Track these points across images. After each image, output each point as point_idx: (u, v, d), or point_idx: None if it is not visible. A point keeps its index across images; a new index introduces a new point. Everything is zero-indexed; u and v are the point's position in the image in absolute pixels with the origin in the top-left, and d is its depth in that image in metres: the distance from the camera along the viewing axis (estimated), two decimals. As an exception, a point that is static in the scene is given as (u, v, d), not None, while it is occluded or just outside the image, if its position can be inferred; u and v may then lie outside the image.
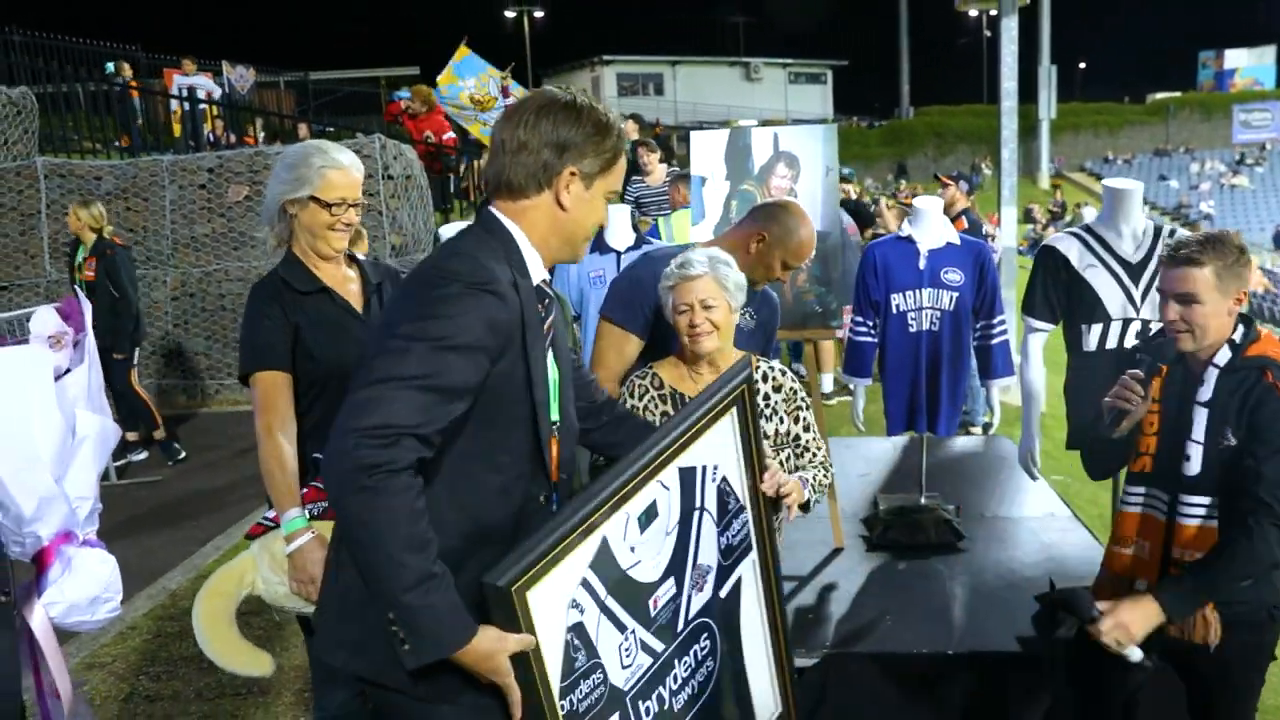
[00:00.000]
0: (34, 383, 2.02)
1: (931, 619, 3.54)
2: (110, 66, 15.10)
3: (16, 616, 2.10)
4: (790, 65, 52.89)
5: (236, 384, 8.83)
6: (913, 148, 44.01)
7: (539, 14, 47.97)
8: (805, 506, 2.56)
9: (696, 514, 2.23)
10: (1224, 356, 2.49)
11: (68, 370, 2.19)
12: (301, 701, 3.71)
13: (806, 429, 2.80)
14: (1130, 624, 2.42)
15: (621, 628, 2.09)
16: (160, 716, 3.67)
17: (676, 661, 2.22)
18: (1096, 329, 3.45)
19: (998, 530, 4.36)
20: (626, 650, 2.11)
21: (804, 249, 3.01)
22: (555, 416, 2.01)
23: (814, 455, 2.80)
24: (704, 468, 2.23)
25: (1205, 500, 2.51)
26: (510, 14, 47.57)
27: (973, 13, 43.39)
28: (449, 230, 4.07)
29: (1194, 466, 2.51)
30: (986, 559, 4.04)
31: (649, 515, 2.11)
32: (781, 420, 2.77)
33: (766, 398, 2.77)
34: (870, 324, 4.23)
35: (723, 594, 2.34)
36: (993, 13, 11.32)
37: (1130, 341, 3.42)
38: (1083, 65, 69.53)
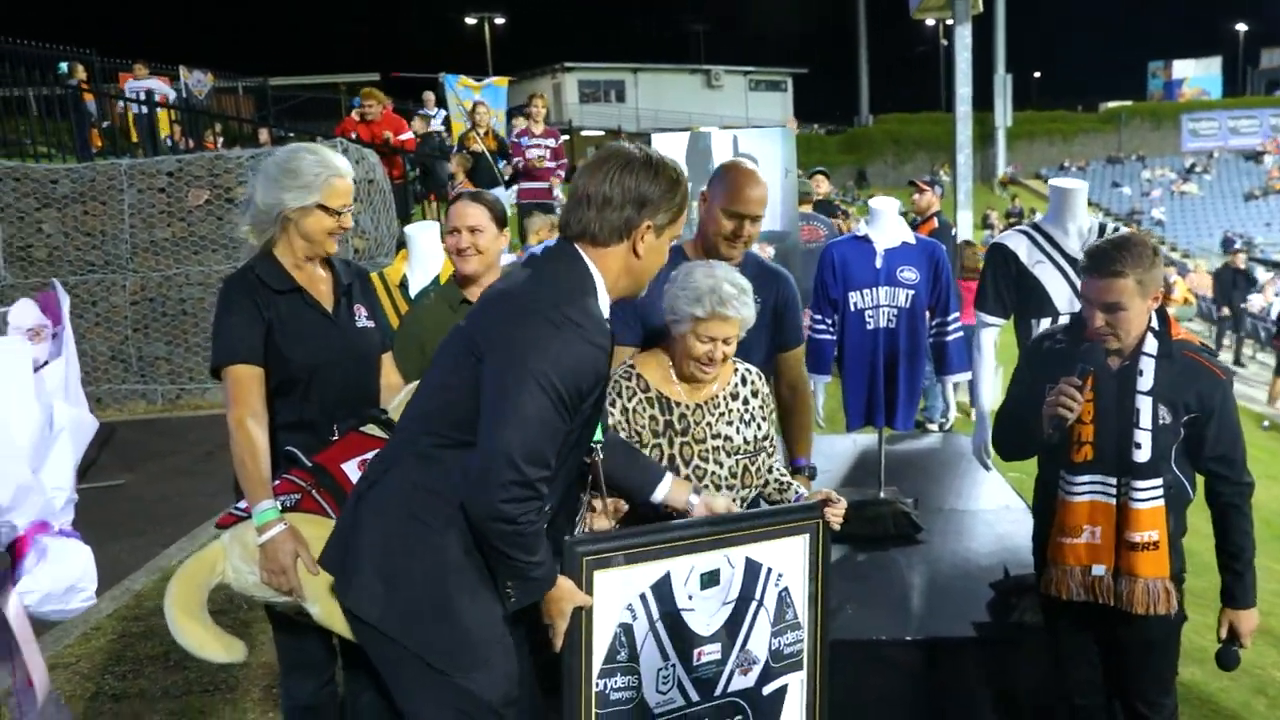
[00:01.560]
0: (12, 374, 2.06)
1: (891, 607, 3.62)
2: (64, 67, 14.90)
3: (-9, 605, 2.13)
4: (751, 73, 53.23)
5: (198, 389, 8.78)
6: (872, 155, 44.52)
7: (500, 20, 47.97)
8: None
9: (754, 605, 2.48)
10: (1153, 345, 2.65)
11: (46, 362, 2.22)
12: (269, 697, 3.73)
13: (770, 430, 2.85)
14: (1249, 630, 2.76)
15: (665, 655, 2.36)
16: (128, 715, 3.67)
17: None
18: (1045, 323, 3.52)
19: (954, 522, 4.46)
20: (664, 678, 2.37)
21: (736, 190, 2.97)
22: (599, 435, 2.33)
23: (773, 455, 2.86)
24: (769, 569, 2.49)
25: (1157, 482, 2.65)
26: (471, 20, 47.52)
27: (930, 22, 44.06)
28: (417, 230, 4.11)
29: (1144, 453, 2.63)
30: (944, 550, 4.13)
31: (711, 578, 2.40)
32: (759, 426, 2.79)
33: (746, 402, 2.77)
34: (829, 322, 4.30)
35: (765, 691, 2.52)
36: (949, 22, 11.55)
37: None
38: (1037, 74, 70.70)
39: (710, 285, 2.54)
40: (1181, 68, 53.70)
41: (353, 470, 2.43)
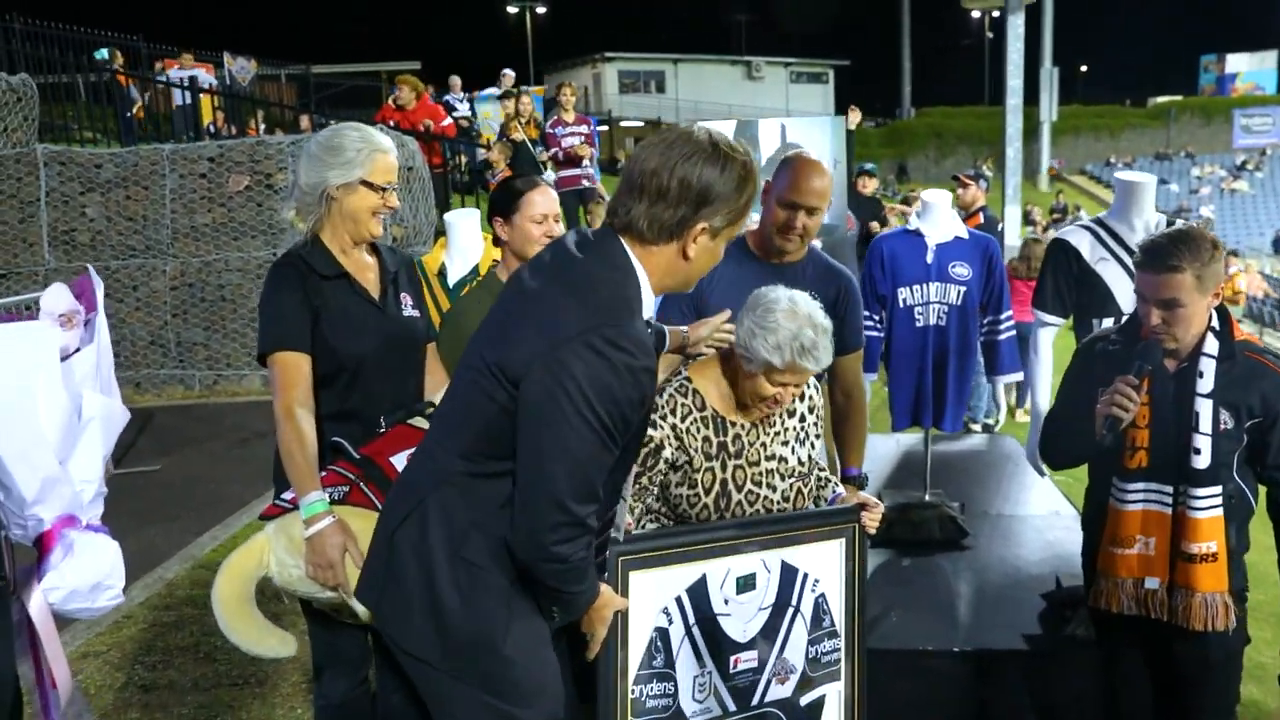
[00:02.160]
0: (39, 360, 2.00)
1: (937, 616, 3.52)
2: (104, 53, 15.00)
3: (15, 601, 2.07)
4: (792, 65, 52.85)
5: (236, 375, 8.80)
6: (913, 149, 44.02)
7: (541, 10, 47.93)
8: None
9: (791, 611, 2.43)
10: (1213, 345, 2.52)
11: (77, 349, 2.16)
12: (298, 692, 3.68)
13: (820, 446, 2.71)
14: None
15: (701, 662, 2.32)
16: (156, 706, 3.64)
17: None
18: (1108, 323, 3.39)
19: (1002, 528, 4.34)
20: (701, 686, 2.33)
21: (793, 179, 2.87)
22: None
23: (824, 472, 2.72)
24: (805, 575, 2.45)
25: (1216, 490, 2.52)
26: (513, 9, 47.50)
27: (975, 13, 43.47)
28: (457, 217, 4.04)
29: (1204, 459, 2.51)
30: (991, 557, 4.02)
31: (747, 583, 2.36)
32: (813, 444, 2.63)
33: (803, 419, 2.60)
34: (876, 318, 4.19)
35: (803, 702, 2.47)
36: (995, 14, 11.31)
37: None
38: (1084, 68, 69.60)
39: (792, 333, 2.30)
40: (1235, 61, 52.52)
41: (401, 463, 2.35)
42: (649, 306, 1.92)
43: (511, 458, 1.85)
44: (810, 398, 2.62)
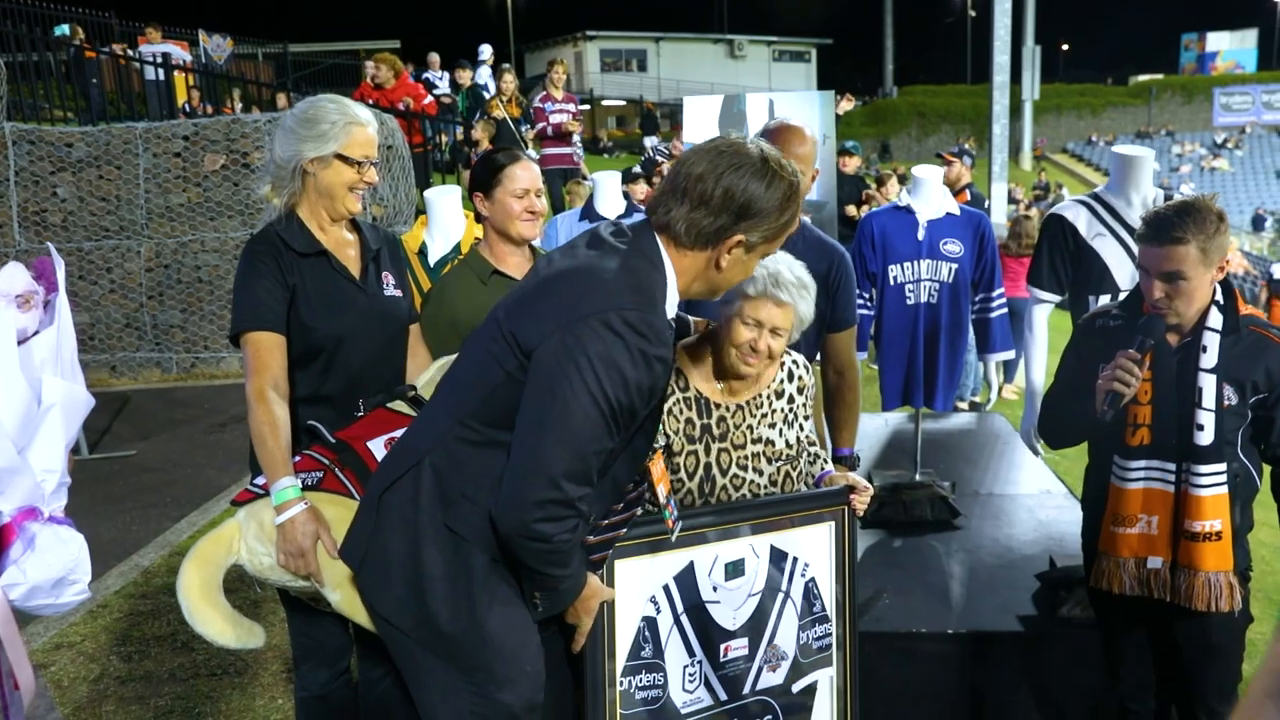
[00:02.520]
0: (-7, 344, 1.88)
1: (930, 597, 3.47)
2: (64, 29, 14.63)
3: (-26, 596, 1.97)
4: (774, 43, 52.63)
5: (213, 357, 8.66)
6: (896, 127, 43.94)
7: (521, -13, 47.48)
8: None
9: (781, 596, 2.39)
10: (1217, 320, 2.47)
11: (36, 332, 2.04)
12: (278, 682, 3.60)
13: (811, 429, 2.61)
14: None
15: (690, 651, 2.29)
16: (132, 699, 3.54)
17: None
18: (1104, 300, 3.32)
19: (993, 507, 4.29)
20: (691, 676, 2.29)
21: (776, 146, 2.80)
22: (660, 440, 2.18)
23: (815, 456, 2.61)
24: (795, 559, 2.41)
25: (1220, 467, 2.47)
26: (493, -13, 47.06)
27: (958, -9, 43.29)
28: (437, 194, 3.94)
29: (1207, 436, 2.46)
30: (983, 537, 3.97)
31: (736, 569, 2.32)
32: (803, 426, 2.53)
33: (791, 400, 2.50)
34: (866, 296, 4.13)
35: (794, 689, 2.43)
36: (981, -11, 11.24)
37: None
38: (1065, 47, 69.58)
39: (770, 269, 2.28)
40: (1216, 40, 52.67)
41: (378, 448, 2.30)
42: (672, 306, 1.90)
43: (509, 429, 1.82)
44: (800, 378, 2.53)
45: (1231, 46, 51.95)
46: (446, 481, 1.90)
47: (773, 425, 2.47)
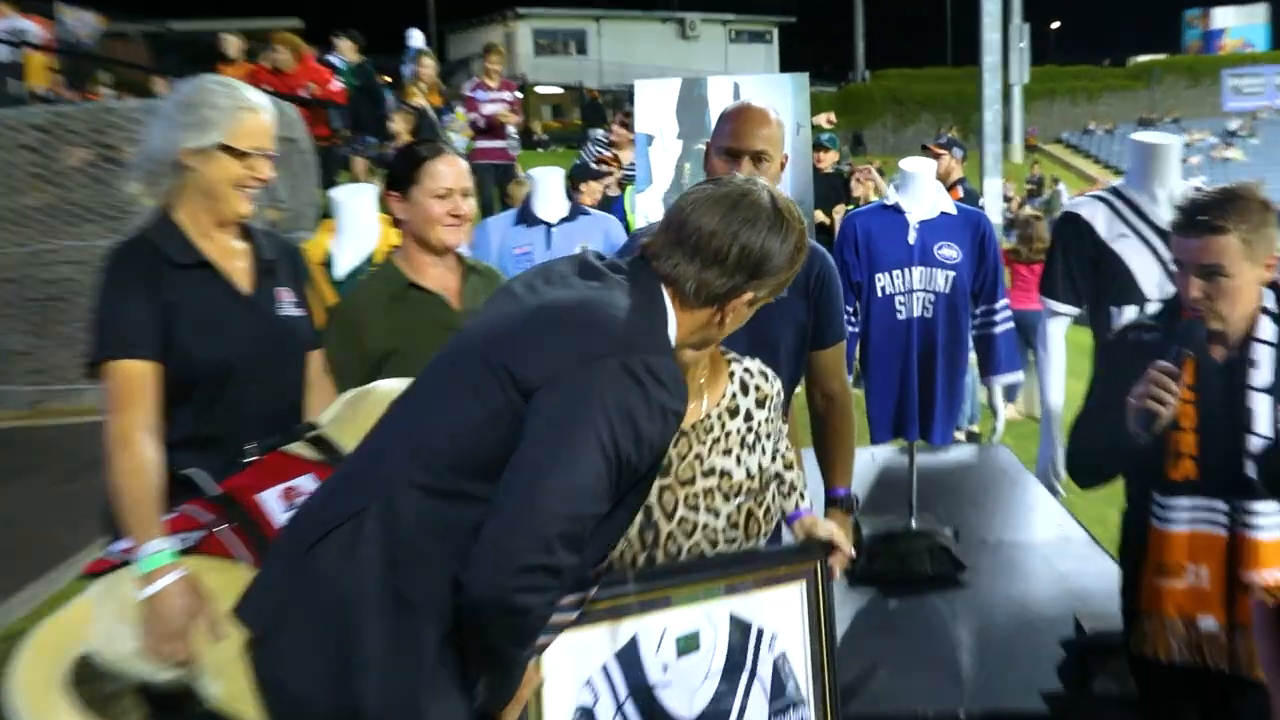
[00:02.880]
0: None
1: (934, 670, 3.43)
2: None
3: None
4: (731, 22, 53.42)
5: (68, 390, 8.38)
6: (869, 117, 44.59)
7: (442, -41, 47.54)
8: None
9: (746, 676, 2.27)
10: (1269, 330, 2.44)
11: None
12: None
13: (784, 450, 2.45)
14: None
15: None
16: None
17: None
18: (1130, 312, 3.30)
19: (1004, 559, 4.31)
20: None
21: (736, 126, 2.78)
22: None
23: (789, 489, 2.46)
24: (761, 630, 2.29)
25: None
26: (410, -43, 47.03)
27: (937, -37, 44.16)
28: (346, 194, 3.93)
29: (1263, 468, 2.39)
30: (995, 594, 3.97)
31: (689, 643, 2.20)
32: (765, 448, 2.35)
33: (749, 417, 2.33)
34: (850, 310, 4.08)
35: None
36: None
37: None
38: (1057, 25, 71.42)
39: None
40: (1222, 16, 54.49)
41: (272, 500, 2.24)
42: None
43: (480, 479, 1.78)
44: (757, 388, 2.35)
45: (1239, 22, 53.72)
46: (397, 536, 1.81)
47: (728, 451, 2.28)
